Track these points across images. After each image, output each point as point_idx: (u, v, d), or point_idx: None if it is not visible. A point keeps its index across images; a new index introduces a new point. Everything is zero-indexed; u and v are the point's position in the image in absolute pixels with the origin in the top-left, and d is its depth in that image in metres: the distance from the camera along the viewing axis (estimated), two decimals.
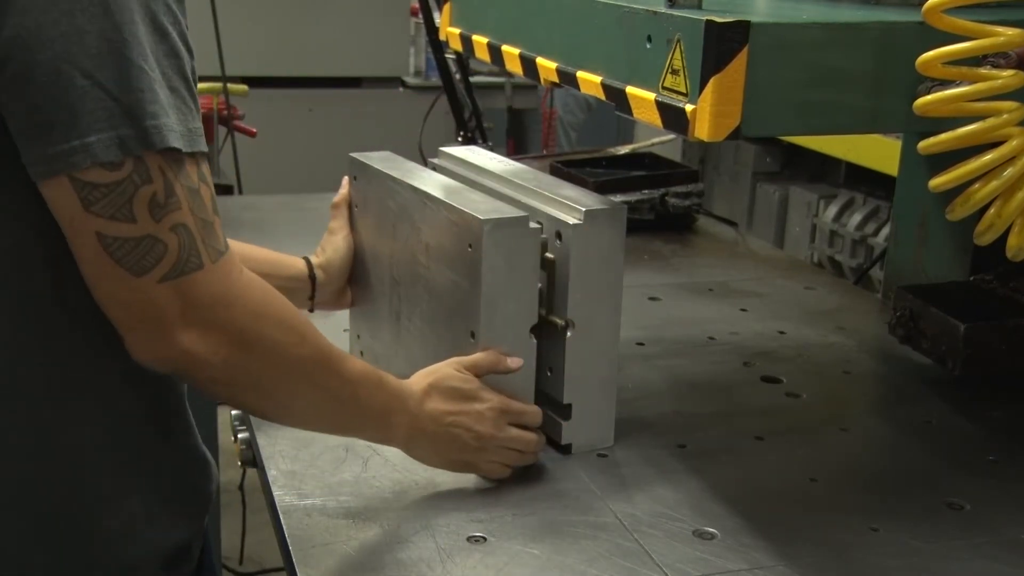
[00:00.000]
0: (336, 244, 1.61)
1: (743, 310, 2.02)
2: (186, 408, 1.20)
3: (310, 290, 1.58)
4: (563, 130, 6.04)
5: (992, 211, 1.21)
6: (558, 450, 1.43)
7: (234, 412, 1.55)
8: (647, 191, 2.41)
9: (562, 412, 1.43)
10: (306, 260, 1.59)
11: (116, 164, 0.96)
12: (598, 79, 1.31)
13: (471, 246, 1.33)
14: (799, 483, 1.41)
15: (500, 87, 5.29)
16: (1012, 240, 1.22)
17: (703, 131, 1.12)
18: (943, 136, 1.17)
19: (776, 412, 1.62)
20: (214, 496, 1.24)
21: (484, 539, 1.24)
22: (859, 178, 3.24)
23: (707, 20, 1.10)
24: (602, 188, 2.21)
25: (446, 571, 1.17)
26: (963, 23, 1.12)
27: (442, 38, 1.86)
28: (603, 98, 1.30)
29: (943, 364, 1.64)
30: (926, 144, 1.19)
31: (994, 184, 1.19)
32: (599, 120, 5.88)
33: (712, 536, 1.26)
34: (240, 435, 1.52)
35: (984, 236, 1.24)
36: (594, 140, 5.21)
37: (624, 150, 2.81)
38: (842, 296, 2.13)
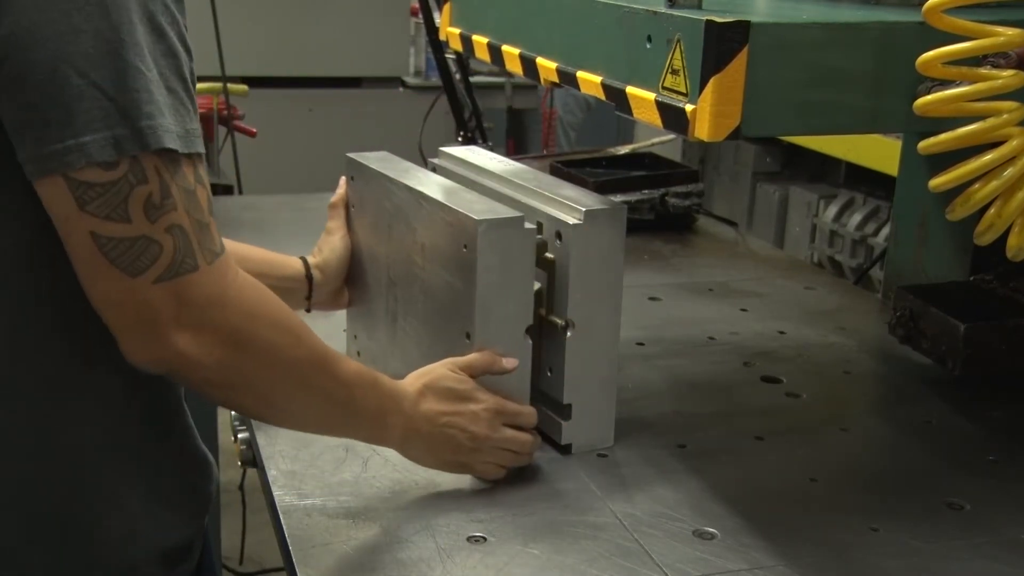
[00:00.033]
0: (333, 244, 1.61)
1: (743, 310, 2.02)
2: (185, 408, 1.20)
3: (307, 290, 1.58)
4: (563, 130, 6.04)
5: (992, 211, 1.21)
6: (558, 450, 1.43)
7: (234, 412, 1.55)
8: (647, 191, 2.41)
9: (562, 412, 1.43)
10: (303, 260, 1.58)
11: (111, 164, 0.96)
12: (598, 79, 1.31)
13: (466, 246, 1.33)
14: (799, 483, 1.41)
15: (500, 87, 5.29)
16: (1012, 240, 1.22)
17: (703, 131, 1.12)
18: (943, 136, 1.17)
19: (776, 412, 1.62)
20: (214, 496, 1.24)
21: (484, 539, 1.24)
22: (859, 178, 3.24)
23: (707, 20, 1.10)
24: (602, 188, 2.21)
25: (446, 571, 1.17)
26: (963, 23, 1.12)
27: (442, 38, 1.86)
28: (603, 98, 1.30)
29: (943, 364, 1.64)
30: (926, 144, 1.19)
31: (994, 184, 1.19)
32: (599, 120, 5.88)
33: (712, 536, 1.26)
34: (240, 435, 1.52)
35: (984, 236, 1.24)
36: (594, 140, 5.20)
37: (624, 150, 2.81)
38: (842, 296, 2.13)
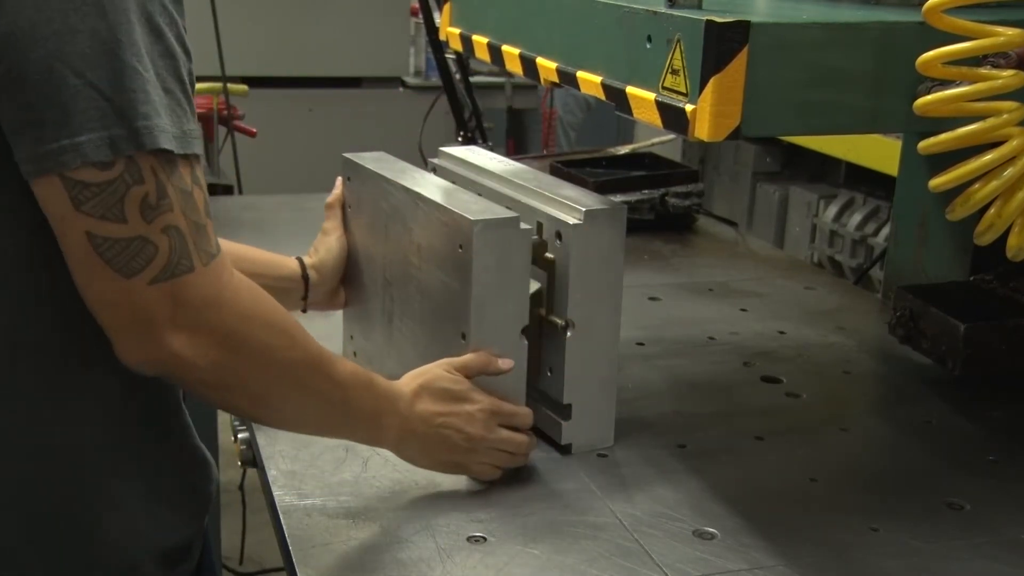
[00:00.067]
0: (329, 244, 1.61)
1: (743, 310, 2.02)
2: (184, 408, 1.20)
3: (303, 290, 1.57)
4: (563, 130, 6.04)
5: (992, 211, 1.21)
6: (558, 450, 1.43)
7: None
8: (647, 191, 2.41)
9: (562, 412, 1.43)
10: (299, 260, 1.58)
11: (107, 164, 0.96)
12: (598, 79, 1.31)
13: (462, 247, 1.32)
14: (799, 483, 1.41)
15: (500, 87, 5.29)
16: (1012, 240, 1.22)
17: (703, 131, 1.12)
18: (943, 136, 1.17)
19: (776, 412, 1.62)
20: (214, 496, 1.24)
21: (484, 539, 1.24)
22: (859, 178, 3.24)
23: (707, 20, 1.10)
24: (602, 188, 2.21)
25: (446, 571, 1.17)
26: (963, 23, 1.12)
27: (442, 38, 1.86)
28: (603, 98, 1.30)
29: (943, 364, 1.64)
30: (926, 144, 1.19)
31: (994, 184, 1.19)
32: (599, 120, 5.87)
33: (712, 536, 1.26)
34: (240, 435, 1.52)
35: (984, 236, 1.24)
36: (594, 140, 5.20)
37: (624, 150, 2.81)
38: (842, 296, 2.13)
